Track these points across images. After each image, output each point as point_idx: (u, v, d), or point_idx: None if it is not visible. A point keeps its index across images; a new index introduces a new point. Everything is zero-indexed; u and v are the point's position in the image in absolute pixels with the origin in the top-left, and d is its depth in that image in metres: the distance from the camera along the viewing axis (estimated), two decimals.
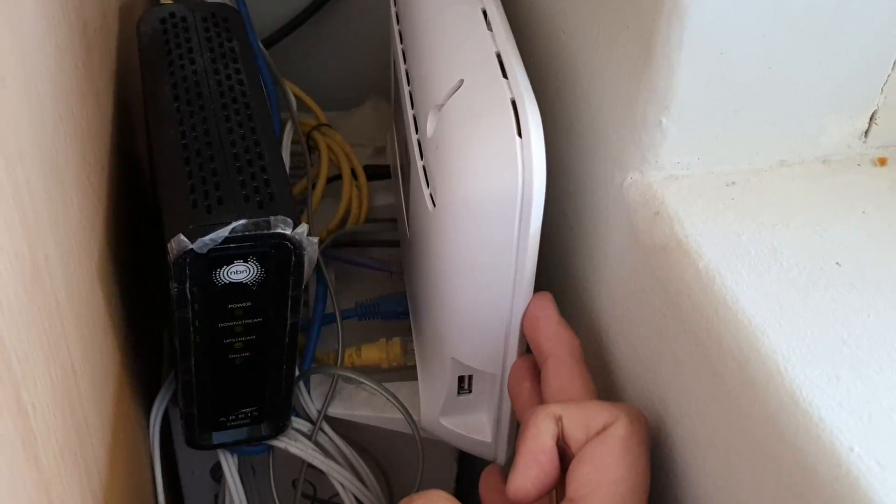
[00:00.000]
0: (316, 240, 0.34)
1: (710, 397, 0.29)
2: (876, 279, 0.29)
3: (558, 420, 0.30)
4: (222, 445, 0.42)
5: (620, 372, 0.37)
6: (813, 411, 0.25)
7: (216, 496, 0.51)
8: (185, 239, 0.31)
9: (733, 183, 0.33)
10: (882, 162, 0.35)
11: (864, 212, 0.32)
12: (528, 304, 0.35)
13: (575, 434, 0.30)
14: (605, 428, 0.30)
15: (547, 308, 0.35)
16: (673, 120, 0.32)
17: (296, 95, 0.57)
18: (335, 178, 0.56)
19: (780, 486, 0.26)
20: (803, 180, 0.34)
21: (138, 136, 0.48)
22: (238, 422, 0.40)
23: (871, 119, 0.34)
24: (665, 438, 0.33)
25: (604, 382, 0.39)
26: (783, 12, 0.30)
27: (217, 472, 0.50)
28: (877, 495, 0.22)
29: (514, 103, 0.33)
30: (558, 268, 0.42)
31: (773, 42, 0.31)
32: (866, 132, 0.34)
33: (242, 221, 0.32)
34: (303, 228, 0.33)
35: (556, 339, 0.34)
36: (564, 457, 0.30)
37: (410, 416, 0.45)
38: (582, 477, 0.29)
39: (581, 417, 0.30)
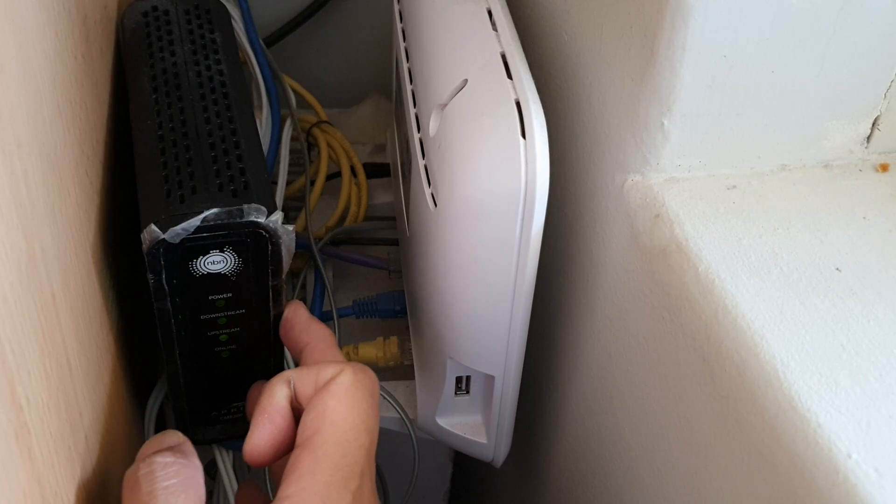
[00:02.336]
0: (292, 228, 0.33)
1: (709, 401, 0.29)
2: (876, 285, 0.29)
3: (290, 383, 0.32)
4: (215, 440, 0.42)
5: (618, 374, 0.37)
6: (811, 417, 0.25)
7: (210, 492, 0.51)
8: (157, 229, 0.31)
9: (734, 186, 0.33)
10: (884, 168, 0.34)
11: (864, 217, 0.32)
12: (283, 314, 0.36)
13: (305, 391, 0.31)
14: (332, 380, 0.31)
15: (298, 308, 0.36)
16: (675, 122, 0.32)
17: (296, 92, 0.57)
18: (334, 176, 0.56)
19: (778, 492, 0.26)
20: (804, 185, 0.34)
21: None
22: (231, 416, 0.40)
23: (873, 125, 0.34)
24: (662, 441, 0.33)
25: (601, 384, 0.39)
26: (786, 16, 0.30)
27: (212, 469, 0.49)
28: (875, 502, 0.22)
29: (518, 104, 0.33)
30: (558, 268, 0.42)
31: (776, 46, 0.31)
32: (868, 138, 0.34)
33: (215, 210, 0.31)
34: (277, 216, 0.32)
35: (308, 331, 0.35)
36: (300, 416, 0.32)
37: (406, 415, 0.45)
38: (306, 422, 0.30)
39: (310, 375, 0.31)
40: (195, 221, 0.31)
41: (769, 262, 0.30)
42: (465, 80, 0.35)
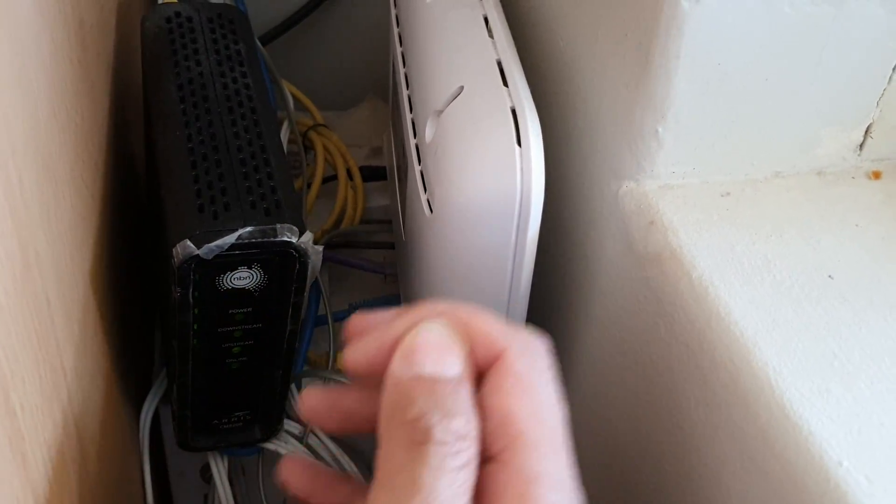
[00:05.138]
0: (321, 248, 0.34)
1: (701, 408, 0.29)
2: (868, 292, 0.29)
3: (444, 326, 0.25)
4: (214, 448, 0.42)
5: (612, 380, 0.37)
6: (803, 424, 0.25)
7: (205, 496, 0.51)
8: (192, 245, 0.31)
9: (728, 193, 0.33)
10: (876, 175, 0.35)
11: (857, 225, 0.32)
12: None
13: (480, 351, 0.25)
14: (500, 367, 0.24)
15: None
16: (669, 129, 0.32)
17: (293, 95, 0.57)
18: (331, 179, 0.56)
19: (770, 499, 0.26)
20: (797, 192, 0.34)
21: (133, 134, 0.48)
22: (231, 425, 0.40)
23: (866, 132, 0.34)
24: (655, 447, 0.33)
25: (595, 390, 0.39)
26: (780, 25, 0.30)
27: (206, 473, 0.49)
28: None
29: (514, 112, 0.33)
30: (553, 274, 0.42)
31: (770, 54, 0.31)
32: (861, 145, 0.34)
33: (249, 228, 0.32)
34: (308, 237, 0.33)
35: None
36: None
37: None
38: (488, 431, 0.24)
39: (482, 336, 0.25)
40: (230, 239, 0.31)
41: (762, 269, 0.30)
42: (462, 87, 0.35)
